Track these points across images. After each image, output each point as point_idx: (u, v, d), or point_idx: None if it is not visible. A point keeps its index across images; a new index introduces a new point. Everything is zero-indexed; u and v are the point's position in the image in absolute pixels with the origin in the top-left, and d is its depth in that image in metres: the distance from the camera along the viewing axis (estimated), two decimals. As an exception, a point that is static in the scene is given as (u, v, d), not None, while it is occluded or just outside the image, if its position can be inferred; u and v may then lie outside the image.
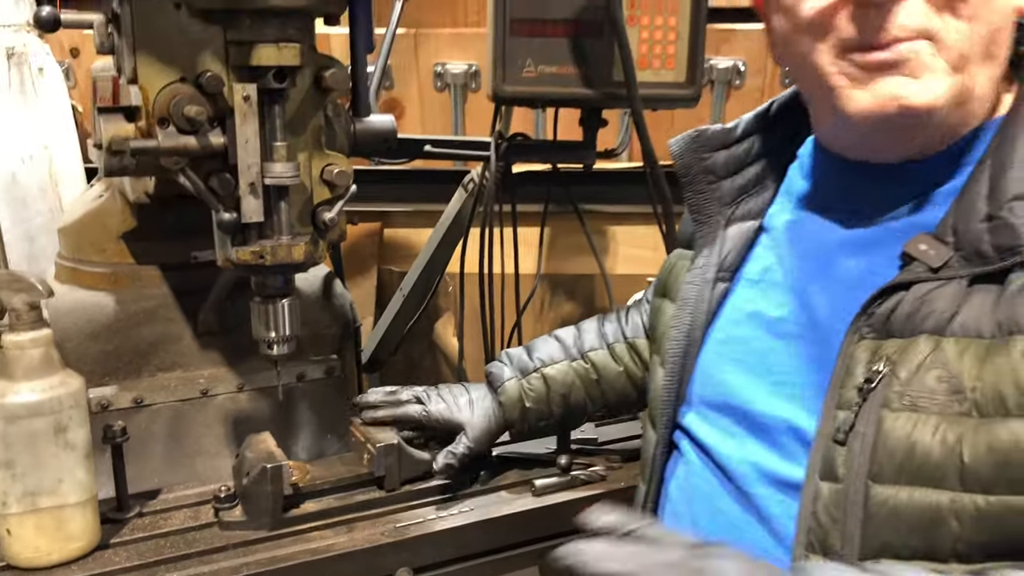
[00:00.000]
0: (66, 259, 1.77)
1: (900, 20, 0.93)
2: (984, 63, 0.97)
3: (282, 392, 1.67)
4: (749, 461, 1.07)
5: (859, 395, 0.94)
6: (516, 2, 1.76)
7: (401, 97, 2.91)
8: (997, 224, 0.91)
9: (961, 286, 0.92)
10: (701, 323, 1.18)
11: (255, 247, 1.33)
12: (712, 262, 1.19)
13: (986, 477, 0.87)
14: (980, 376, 0.88)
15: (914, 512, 0.89)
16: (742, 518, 1.06)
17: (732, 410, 1.12)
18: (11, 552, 1.31)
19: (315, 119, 1.37)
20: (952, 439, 0.88)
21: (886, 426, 0.91)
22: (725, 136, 1.21)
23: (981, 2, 0.94)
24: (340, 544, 1.38)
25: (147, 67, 1.25)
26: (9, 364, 1.27)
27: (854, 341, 0.97)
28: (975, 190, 0.95)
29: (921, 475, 0.89)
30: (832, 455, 0.94)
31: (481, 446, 1.51)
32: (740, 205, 1.21)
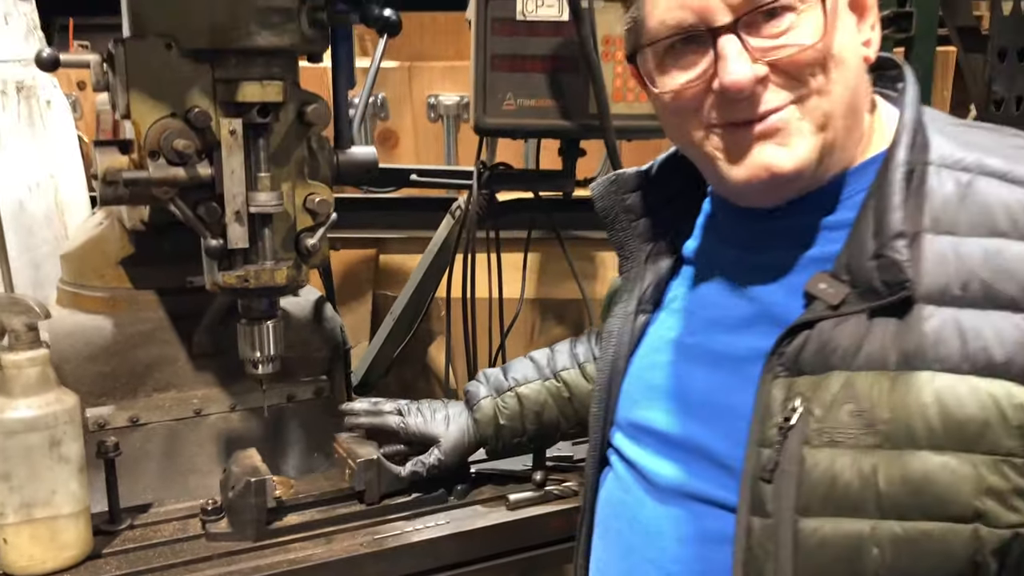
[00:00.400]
0: (67, 284, 1.85)
1: (767, 103, 1.00)
2: (846, 117, 1.03)
3: (273, 412, 1.75)
4: (666, 477, 1.13)
5: (779, 433, 0.98)
6: (496, 39, 1.85)
7: (396, 128, 3.01)
8: (884, 261, 0.96)
9: (861, 320, 0.97)
10: (624, 353, 1.24)
11: (240, 271, 1.41)
12: (634, 296, 1.25)
13: (902, 505, 0.92)
14: (890, 409, 0.93)
15: (839, 541, 0.94)
16: (660, 526, 1.13)
17: (651, 431, 1.17)
18: (7, 560, 1.38)
19: (298, 151, 1.45)
20: (868, 470, 0.93)
21: (808, 463, 0.95)
22: (641, 177, 1.25)
23: (836, 67, 1.00)
24: (320, 555, 1.45)
25: (139, 103, 1.34)
26: (7, 382, 1.35)
27: (769, 380, 1.01)
28: (863, 228, 0.99)
29: (843, 506, 0.94)
30: (760, 492, 0.98)
31: (453, 459, 1.58)
32: (659, 240, 1.26)
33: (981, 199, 0.96)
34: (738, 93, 0.98)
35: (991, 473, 0.90)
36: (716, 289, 1.16)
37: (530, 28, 1.85)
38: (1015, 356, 0.90)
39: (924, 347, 0.93)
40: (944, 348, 0.92)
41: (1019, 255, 0.93)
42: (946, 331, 0.92)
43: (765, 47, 0.98)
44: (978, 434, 0.90)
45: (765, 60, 0.98)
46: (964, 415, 0.90)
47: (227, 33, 1.35)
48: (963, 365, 0.91)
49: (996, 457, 0.90)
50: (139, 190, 1.36)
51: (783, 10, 0.99)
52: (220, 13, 1.35)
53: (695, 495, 1.09)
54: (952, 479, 0.90)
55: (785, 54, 0.98)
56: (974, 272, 0.93)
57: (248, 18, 1.36)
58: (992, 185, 0.97)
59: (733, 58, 0.98)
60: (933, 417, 0.91)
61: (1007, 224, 0.94)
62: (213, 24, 1.35)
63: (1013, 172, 0.97)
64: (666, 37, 1.02)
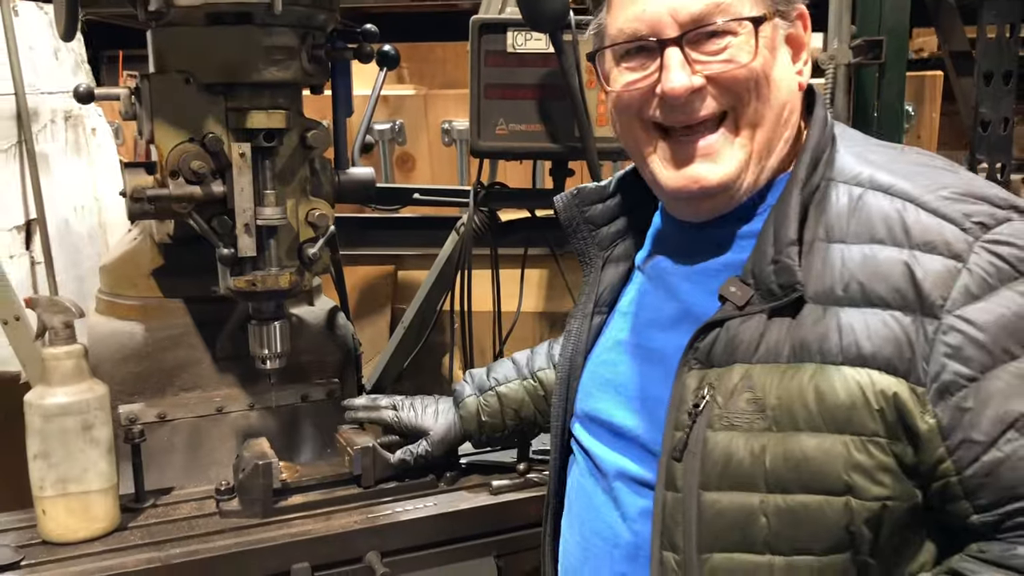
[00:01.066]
0: (105, 294, 2.04)
1: (704, 110, 1.14)
2: (770, 133, 1.17)
3: (287, 411, 1.91)
4: (610, 462, 1.28)
5: (689, 418, 1.11)
6: (489, 70, 2.03)
7: (413, 151, 3.21)
8: (779, 266, 1.08)
9: (762, 319, 1.09)
10: (582, 350, 1.38)
11: (249, 276, 1.61)
12: (591, 298, 1.39)
13: (784, 480, 1.05)
14: (779, 396, 1.05)
15: (734, 512, 1.07)
16: (605, 504, 1.28)
17: (600, 422, 1.32)
18: (46, 529, 1.57)
19: (301, 171, 1.65)
20: (758, 450, 1.06)
21: (710, 444, 1.08)
22: (601, 191, 1.38)
23: (767, 86, 1.14)
24: (318, 530, 1.63)
25: (161, 130, 1.55)
26: (47, 372, 1.55)
27: (685, 372, 1.14)
28: (765, 239, 1.12)
29: (737, 481, 1.07)
30: (673, 470, 1.12)
31: (440, 450, 1.75)
32: (615, 248, 1.38)
33: (866, 211, 1.09)
34: (675, 99, 1.14)
35: (858, 451, 1.02)
36: (655, 293, 1.31)
37: (520, 59, 2.03)
38: (880, 348, 1.02)
39: (809, 342, 1.06)
40: (826, 343, 1.05)
41: (890, 259, 1.04)
42: (829, 328, 1.05)
43: (704, 61, 1.14)
44: (846, 418, 1.03)
45: (703, 73, 1.13)
46: (835, 401, 1.03)
47: (238, 69, 1.56)
48: (838, 357, 1.04)
49: (863, 437, 1.02)
50: (161, 205, 1.56)
51: (723, 33, 1.13)
52: (232, 52, 1.56)
53: (633, 477, 1.24)
54: (826, 457, 1.03)
55: (720, 69, 1.13)
56: (854, 274, 1.06)
57: (256, 56, 1.56)
58: (877, 198, 1.09)
59: (675, 68, 1.13)
60: (811, 403, 1.04)
61: (884, 232, 1.06)
62: (226, 61, 1.56)
63: (896, 186, 1.09)
64: (623, 42, 1.18)
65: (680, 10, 1.12)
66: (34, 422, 1.55)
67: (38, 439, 1.55)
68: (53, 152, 3.00)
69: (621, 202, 1.39)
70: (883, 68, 2.28)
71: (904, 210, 1.06)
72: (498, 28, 2.02)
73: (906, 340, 1.02)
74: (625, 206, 1.39)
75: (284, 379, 1.90)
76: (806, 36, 1.22)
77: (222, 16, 1.56)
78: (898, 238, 1.05)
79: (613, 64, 1.22)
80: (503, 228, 2.34)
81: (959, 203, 1.05)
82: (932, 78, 3.09)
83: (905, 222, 1.06)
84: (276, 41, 1.57)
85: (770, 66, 1.15)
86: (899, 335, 1.02)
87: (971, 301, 1.01)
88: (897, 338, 1.02)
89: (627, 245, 1.40)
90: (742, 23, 1.13)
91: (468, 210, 2.20)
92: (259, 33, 1.57)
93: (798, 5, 1.20)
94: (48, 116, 2.99)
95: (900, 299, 1.03)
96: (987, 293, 1.01)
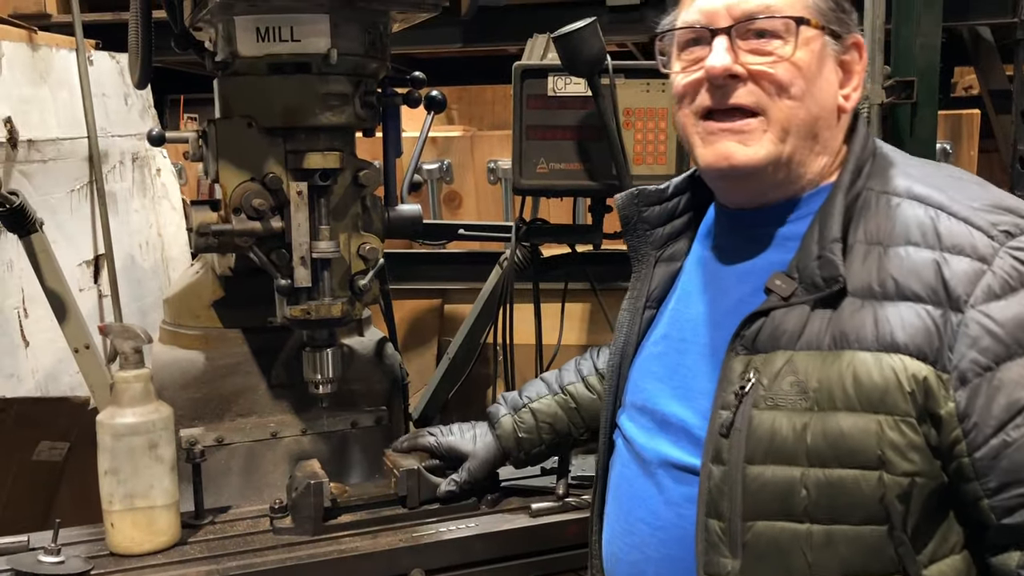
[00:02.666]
0: (168, 324, 2.15)
1: (737, 93, 1.25)
2: (805, 140, 1.26)
3: (338, 437, 2.00)
4: (652, 450, 1.36)
5: (736, 399, 1.21)
6: (531, 112, 2.14)
7: (460, 189, 3.33)
8: (824, 260, 1.19)
9: (805, 310, 1.19)
10: (632, 342, 1.47)
11: (304, 306, 1.72)
12: (643, 294, 1.48)
13: (823, 455, 1.14)
14: (819, 379, 1.15)
15: (777, 484, 1.17)
16: (648, 492, 1.35)
17: (648, 411, 1.40)
18: (113, 541, 1.68)
19: (353, 207, 1.76)
20: (800, 427, 1.16)
21: (755, 422, 1.18)
22: (659, 194, 1.47)
23: (803, 92, 1.24)
24: (365, 547, 1.71)
25: (226, 170, 1.68)
26: (118, 394, 1.67)
27: (731, 357, 1.24)
28: (810, 237, 1.23)
29: (780, 456, 1.17)
30: (719, 445, 1.21)
31: (481, 474, 1.83)
32: (667, 248, 1.48)
33: (903, 217, 1.20)
34: (715, 77, 1.25)
35: (891, 430, 1.12)
36: (703, 291, 1.40)
37: (560, 102, 2.13)
38: (913, 337, 1.12)
39: (848, 331, 1.16)
40: (862, 331, 1.15)
41: (922, 259, 1.15)
42: (866, 319, 1.15)
43: (748, 50, 1.24)
44: (880, 399, 1.12)
45: (745, 64, 1.24)
46: (871, 383, 1.13)
47: (296, 114, 1.69)
48: (874, 344, 1.14)
49: (895, 417, 1.12)
50: (225, 240, 1.68)
51: (770, 34, 1.24)
52: (291, 98, 1.69)
53: (676, 464, 1.32)
54: (861, 435, 1.13)
55: (761, 65, 1.24)
56: (890, 272, 1.16)
57: (313, 102, 1.69)
58: (913, 206, 1.20)
59: (719, 50, 1.25)
60: (849, 386, 1.14)
61: (918, 235, 1.17)
62: (285, 107, 1.69)
63: (930, 197, 1.20)
64: (684, 29, 1.30)
65: (735, 6, 1.25)
66: (105, 440, 1.66)
67: (108, 456, 1.66)
68: (121, 191, 3.18)
69: (677, 204, 1.49)
70: (915, 107, 2.34)
71: (937, 218, 1.18)
72: (539, 73, 2.12)
73: (935, 330, 1.12)
74: (680, 210, 1.49)
75: (335, 406, 1.99)
76: (859, 65, 1.31)
77: (282, 66, 1.69)
78: (930, 241, 1.16)
79: (676, 53, 1.33)
80: (545, 263, 2.43)
81: (987, 213, 1.17)
82: (969, 116, 3.13)
83: (937, 228, 1.17)
84: (331, 88, 1.70)
85: (810, 73, 1.25)
86: (929, 326, 1.12)
87: (993, 299, 1.11)
88: (927, 328, 1.12)
89: (679, 247, 1.49)
90: (788, 26, 1.23)
91: (510, 245, 2.29)
92: (316, 81, 1.70)
93: (855, 34, 1.31)
94: (117, 158, 3.17)
95: (931, 294, 1.13)
96: (1008, 293, 1.12)
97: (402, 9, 1.71)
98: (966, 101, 4.43)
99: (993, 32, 3.29)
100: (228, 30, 1.65)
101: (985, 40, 3.31)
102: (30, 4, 3.14)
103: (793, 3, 1.25)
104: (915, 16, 2.31)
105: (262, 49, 1.62)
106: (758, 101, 1.25)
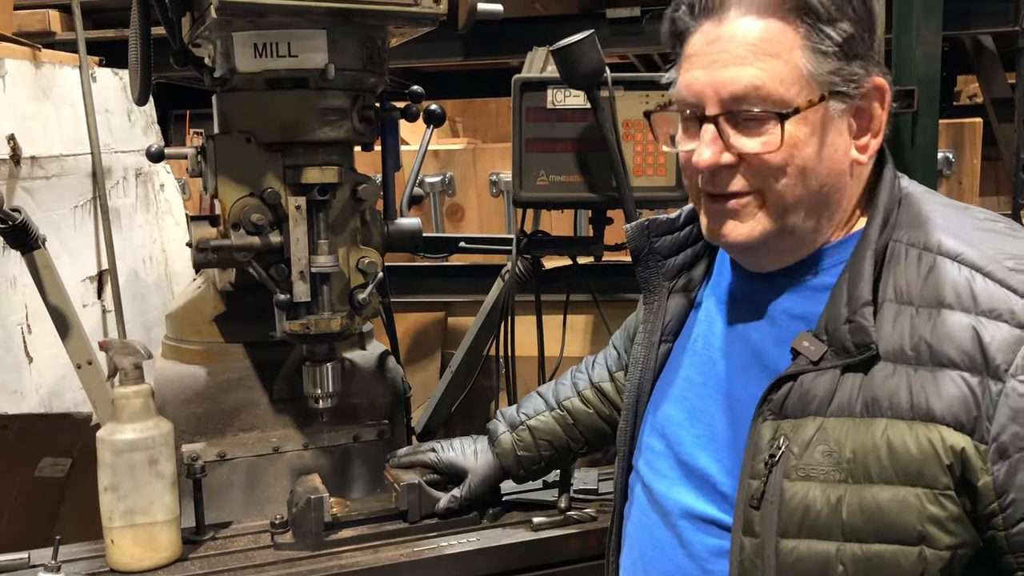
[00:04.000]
0: (171, 339, 2.14)
1: (732, 182, 1.20)
2: (810, 211, 1.21)
3: (340, 451, 1.99)
4: (673, 500, 1.33)
5: (765, 467, 1.16)
6: (530, 125, 2.14)
7: (462, 202, 3.33)
8: (855, 326, 1.14)
9: (835, 374, 1.15)
10: (649, 378, 1.45)
11: (303, 320, 1.72)
12: (657, 327, 1.45)
13: (860, 530, 1.10)
14: (853, 448, 1.11)
15: (811, 559, 1.12)
16: (670, 544, 1.32)
17: (669, 458, 1.37)
18: (113, 558, 1.68)
19: (352, 221, 1.76)
20: (834, 500, 1.11)
21: (787, 493, 1.14)
22: (671, 224, 1.44)
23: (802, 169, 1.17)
24: (367, 562, 1.71)
25: (225, 185, 1.68)
26: (117, 410, 1.67)
27: (759, 422, 1.19)
28: (839, 297, 1.18)
29: (814, 530, 1.12)
30: (750, 517, 1.17)
31: (482, 490, 1.82)
32: (680, 278, 1.44)
33: (936, 278, 1.14)
34: (703, 171, 1.21)
35: (931, 504, 1.08)
36: (723, 333, 1.36)
37: (559, 115, 2.14)
38: (950, 406, 1.08)
39: (880, 398, 1.12)
40: (896, 399, 1.11)
41: (958, 323, 1.10)
42: (900, 386, 1.11)
43: (738, 140, 1.18)
44: (918, 471, 1.09)
45: (738, 150, 1.18)
46: (907, 455, 1.09)
47: (294, 129, 1.70)
48: (908, 413, 1.10)
49: (935, 490, 1.08)
50: (224, 255, 1.69)
51: (761, 120, 1.16)
52: (289, 114, 1.69)
53: (699, 516, 1.29)
54: (900, 508, 1.09)
55: (753, 150, 1.17)
56: (923, 336, 1.12)
57: (311, 117, 1.69)
58: (946, 265, 1.15)
59: (705, 142, 1.19)
60: (884, 457, 1.10)
61: (953, 298, 1.12)
62: (284, 123, 1.70)
63: (964, 255, 1.15)
64: (676, 109, 1.26)
65: (721, 88, 1.17)
66: (105, 456, 1.66)
67: (108, 472, 1.66)
68: (124, 207, 3.19)
69: (688, 235, 1.46)
70: (916, 116, 2.33)
71: (972, 279, 1.12)
72: (538, 86, 2.13)
73: (972, 399, 1.08)
74: (691, 239, 1.46)
75: (337, 420, 1.99)
76: (881, 108, 1.22)
77: (280, 81, 1.70)
78: (966, 304, 1.11)
79: (680, 124, 1.28)
80: (546, 275, 2.43)
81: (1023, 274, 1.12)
82: (971, 124, 3.12)
83: (973, 290, 1.12)
84: (329, 103, 1.71)
85: (811, 147, 1.18)
86: (966, 394, 1.08)
87: None
88: (964, 397, 1.08)
89: (693, 276, 1.46)
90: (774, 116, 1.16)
91: (512, 257, 2.29)
92: (314, 96, 1.71)
93: (873, 78, 1.20)
94: (120, 173, 3.18)
95: (968, 360, 1.09)
96: None
97: (399, 24, 1.72)
98: (970, 110, 4.43)
99: (995, 40, 3.28)
100: (226, 46, 1.66)
101: (987, 48, 3.31)
102: (34, 22, 3.16)
103: (784, 78, 1.16)
104: (915, 25, 2.30)
105: (260, 65, 1.63)
106: (751, 185, 1.20)
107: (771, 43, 1.16)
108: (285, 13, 1.56)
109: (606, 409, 1.78)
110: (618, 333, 1.82)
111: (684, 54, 1.24)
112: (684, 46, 1.24)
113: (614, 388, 1.77)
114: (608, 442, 1.80)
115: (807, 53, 1.16)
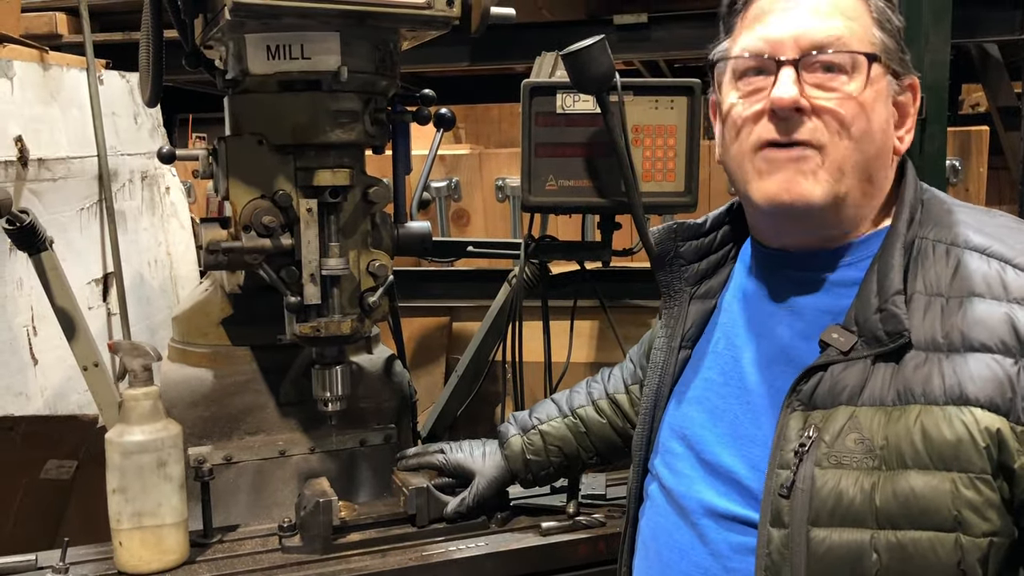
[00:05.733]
0: (177, 342, 2.14)
1: (801, 129, 1.20)
2: (860, 181, 1.23)
3: (347, 455, 1.99)
4: (694, 499, 1.32)
5: (795, 457, 1.16)
6: (539, 130, 2.14)
7: (468, 207, 3.33)
8: (886, 314, 1.15)
9: (866, 364, 1.16)
10: (668, 383, 1.44)
11: (313, 323, 1.71)
12: (677, 332, 1.45)
13: (894, 516, 1.09)
14: (886, 437, 1.11)
15: (844, 548, 1.11)
16: (690, 543, 1.31)
17: (689, 457, 1.36)
18: (121, 560, 1.68)
19: (363, 224, 1.76)
20: (868, 488, 1.11)
21: (818, 482, 1.13)
22: (697, 228, 1.44)
23: (863, 133, 1.21)
24: (375, 566, 1.70)
25: (236, 187, 1.68)
26: (126, 412, 1.67)
27: (787, 413, 1.19)
28: (868, 288, 1.19)
29: (847, 518, 1.11)
30: (779, 507, 1.16)
31: (490, 492, 1.81)
32: (702, 285, 1.44)
33: (966, 270, 1.17)
34: (782, 108, 1.20)
35: (966, 488, 1.08)
36: (745, 332, 1.36)
37: (568, 120, 2.13)
38: (983, 388, 1.09)
39: (913, 385, 1.13)
40: (928, 385, 1.11)
41: (989, 310, 1.13)
42: (932, 373, 1.12)
43: (813, 84, 1.21)
44: (953, 455, 1.08)
45: (810, 97, 1.20)
46: (942, 439, 1.09)
47: (306, 132, 1.69)
48: (941, 398, 1.10)
49: (970, 474, 1.08)
50: (234, 257, 1.68)
51: (838, 69, 1.21)
52: (301, 116, 1.69)
53: (722, 513, 1.28)
54: (934, 494, 1.08)
55: (827, 101, 1.20)
56: (955, 324, 1.13)
57: (323, 120, 1.69)
58: (974, 258, 1.17)
59: (785, 81, 1.20)
60: (918, 442, 1.10)
61: (983, 287, 1.15)
62: (295, 125, 1.69)
63: (991, 248, 1.18)
64: (745, 58, 1.26)
65: (803, 36, 1.21)
66: (114, 458, 1.66)
67: (117, 474, 1.65)
68: (130, 210, 3.19)
69: (712, 241, 1.46)
70: (924, 124, 2.33)
71: (1003, 271, 1.15)
72: (548, 91, 2.13)
73: (1007, 381, 1.08)
74: (715, 245, 1.47)
75: (343, 424, 1.98)
76: (913, 107, 1.29)
77: (292, 83, 1.70)
78: (997, 293, 1.14)
79: (732, 82, 1.29)
80: (553, 280, 2.43)
81: None
82: (978, 132, 3.12)
83: (1004, 280, 1.14)
84: (341, 106, 1.70)
85: (872, 112, 1.22)
86: (1001, 376, 1.09)
87: None
88: (999, 379, 1.09)
89: (714, 283, 1.46)
90: (856, 62, 1.20)
91: (519, 262, 2.29)
92: (326, 99, 1.70)
93: (912, 75, 1.28)
94: (127, 176, 3.18)
95: (1001, 344, 1.10)
96: None
97: (412, 27, 1.72)
98: (973, 118, 4.43)
99: (1001, 49, 3.29)
100: (239, 48, 1.66)
101: (993, 57, 3.31)
102: (41, 24, 3.16)
103: (862, 38, 1.22)
104: (924, 33, 2.31)
105: (272, 67, 1.63)
106: (819, 138, 1.21)
107: (849, 8, 1.23)
108: (299, 15, 1.56)
109: (619, 421, 1.77)
110: (635, 348, 1.82)
111: (749, 15, 1.28)
112: (747, 8, 1.28)
113: (629, 401, 1.77)
114: (618, 455, 1.81)
115: (877, 27, 1.24)
